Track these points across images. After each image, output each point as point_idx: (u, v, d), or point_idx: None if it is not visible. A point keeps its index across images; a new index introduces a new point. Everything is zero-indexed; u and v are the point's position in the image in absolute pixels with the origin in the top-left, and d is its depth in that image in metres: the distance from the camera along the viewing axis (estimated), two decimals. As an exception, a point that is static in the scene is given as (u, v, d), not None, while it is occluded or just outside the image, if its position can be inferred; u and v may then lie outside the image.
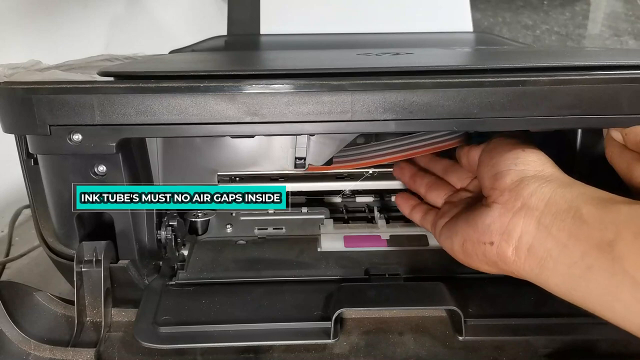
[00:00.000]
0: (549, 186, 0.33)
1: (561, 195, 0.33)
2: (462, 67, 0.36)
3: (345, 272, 0.43)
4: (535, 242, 0.32)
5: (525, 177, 0.35)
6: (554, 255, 0.31)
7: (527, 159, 0.36)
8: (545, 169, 0.35)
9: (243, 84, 0.34)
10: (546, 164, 0.36)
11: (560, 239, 0.31)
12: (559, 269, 0.31)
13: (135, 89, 0.34)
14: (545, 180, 0.34)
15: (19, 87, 0.34)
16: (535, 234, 0.32)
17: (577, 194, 0.32)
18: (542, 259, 0.32)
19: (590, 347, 0.37)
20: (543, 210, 0.32)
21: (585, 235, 0.30)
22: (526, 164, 0.36)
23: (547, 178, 0.34)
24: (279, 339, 0.37)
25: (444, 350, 0.37)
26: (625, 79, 0.35)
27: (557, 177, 0.34)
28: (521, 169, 0.35)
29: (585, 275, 0.30)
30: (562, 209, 0.32)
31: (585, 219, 0.31)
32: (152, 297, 0.40)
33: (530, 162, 0.36)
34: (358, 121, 0.35)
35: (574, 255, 0.30)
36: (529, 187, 0.34)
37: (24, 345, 0.37)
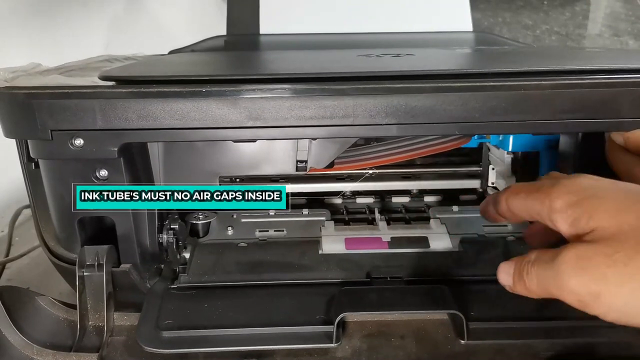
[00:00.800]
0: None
1: None
2: (464, 71, 0.36)
3: (347, 275, 0.43)
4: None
5: None
6: None
7: None
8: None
9: (245, 89, 0.34)
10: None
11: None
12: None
13: (136, 93, 0.34)
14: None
15: (20, 92, 0.34)
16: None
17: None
18: None
19: (591, 350, 0.37)
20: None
21: None
22: None
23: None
24: (282, 343, 0.37)
25: (446, 353, 0.37)
26: (627, 83, 0.35)
27: None
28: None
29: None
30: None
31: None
32: (154, 301, 0.40)
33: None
34: (360, 125, 0.35)
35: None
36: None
37: (26, 350, 0.37)
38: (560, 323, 0.38)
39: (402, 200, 0.56)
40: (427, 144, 0.47)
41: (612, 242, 0.28)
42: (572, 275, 0.28)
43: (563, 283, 0.29)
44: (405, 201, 0.56)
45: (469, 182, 0.54)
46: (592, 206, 0.29)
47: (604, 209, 0.29)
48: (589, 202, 0.30)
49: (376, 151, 0.47)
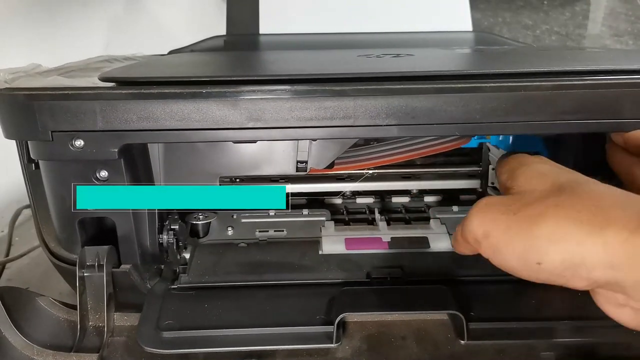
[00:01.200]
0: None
1: None
2: (464, 72, 0.36)
3: (347, 276, 0.43)
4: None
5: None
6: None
7: None
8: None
9: (245, 90, 0.34)
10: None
11: None
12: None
13: (137, 95, 0.34)
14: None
15: (21, 94, 0.34)
16: None
17: None
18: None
19: (592, 350, 0.37)
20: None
21: None
22: None
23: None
24: (282, 344, 0.37)
25: (446, 354, 0.37)
26: (627, 84, 0.35)
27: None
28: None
29: None
30: None
31: None
32: (155, 302, 0.40)
33: None
34: (360, 126, 0.35)
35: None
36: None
37: (27, 351, 0.37)
38: (561, 323, 0.38)
39: (402, 200, 0.56)
40: (427, 144, 0.47)
41: (516, 197, 0.32)
42: (475, 217, 0.32)
43: (468, 223, 0.32)
44: (405, 201, 0.56)
45: (469, 182, 0.54)
46: (521, 171, 0.34)
47: (525, 174, 0.33)
48: (520, 169, 0.34)
49: (376, 151, 0.47)
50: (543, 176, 0.32)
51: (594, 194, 0.29)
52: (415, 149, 0.47)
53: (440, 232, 0.49)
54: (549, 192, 0.31)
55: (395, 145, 0.48)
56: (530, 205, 0.30)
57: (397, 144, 0.48)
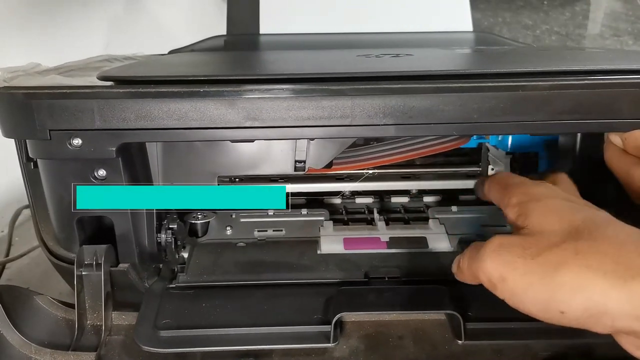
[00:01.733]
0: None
1: None
2: (462, 72, 0.36)
3: (345, 275, 0.43)
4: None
5: None
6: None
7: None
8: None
9: (242, 89, 0.34)
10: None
11: None
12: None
13: (135, 94, 0.34)
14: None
15: (19, 92, 0.34)
16: None
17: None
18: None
19: (589, 351, 0.37)
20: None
21: None
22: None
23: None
24: (279, 343, 0.37)
25: (443, 353, 0.37)
26: (625, 84, 0.35)
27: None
28: None
29: None
30: None
31: None
32: (152, 301, 0.40)
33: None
34: (358, 126, 0.35)
35: None
36: None
37: (25, 349, 0.37)
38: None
39: (401, 200, 0.56)
40: (427, 144, 0.47)
41: (531, 238, 0.32)
42: (489, 258, 0.32)
43: (481, 264, 0.32)
44: (404, 201, 0.56)
45: (468, 183, 0.54)
46: (533, 207, 0.34)
47: (538, 212, 0.33)
48: (531, 205, 0.34)
49: (375, 152, 0.47)
50: (558, 215, 0.32)
51: (614, 239, 0.29)
52: (414, 149, 0.47)
53: (439, 233, 0.48)
54: (566, 236, 0.30)
55: (394, 145, 0.48)
56: (548, 251, 0.30)
57: (396, 144, 0.48)
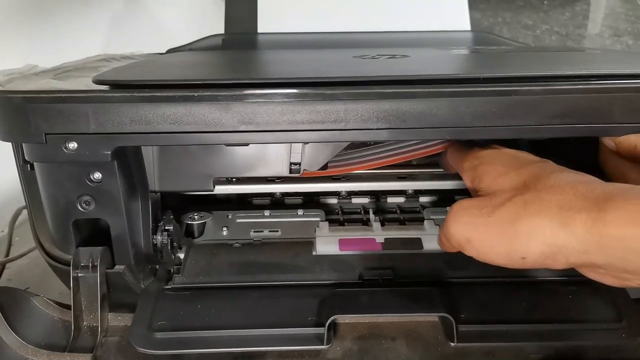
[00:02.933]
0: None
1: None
2: (455, 76, 0.36)
3: (340, 277, 0.44)
4: None
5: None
6: None
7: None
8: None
9: (237, 93, 0.34)
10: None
11: None
12: None
13: (129, 98, 0.34)
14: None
15: (15, 96, 0.35)
16: None
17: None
18: None
19: (580, 353, 0.37)
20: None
21: None
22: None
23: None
24: (273, 345, 0.37)
25: (435, 355, 0.37)
26: (618, 89, 0.35)
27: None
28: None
29: None
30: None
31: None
32: (148, 302, 0.40)
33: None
34: (351, 130, 0.35)
35: None
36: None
37: (21, 351, 0.37)
38: (550, 326, 0.38)
39: (397, 201, 0.56)
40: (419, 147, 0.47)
41: (486, 199, 0.34)
42: (452, 223, 0.34)
43: (447, 230, 0.35)
44: (400, 201, 0.56)
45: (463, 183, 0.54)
46: (484, 170, 0.36)
47: (489, 174, 0.36)
48: (483, 167, 0.36)
49: (369, 154, 0.48)
50: (506, 174, 0.35)
51: (556, 187, 0.32)
52: (407, 151, 0.47)
53: (433, 233, 0.49)
54: (515, 191, 0.33)
55: (388, 147, 0.48)
56: (502, 207, 0.32)
57: (390, 146, 0.48)
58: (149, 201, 0.42)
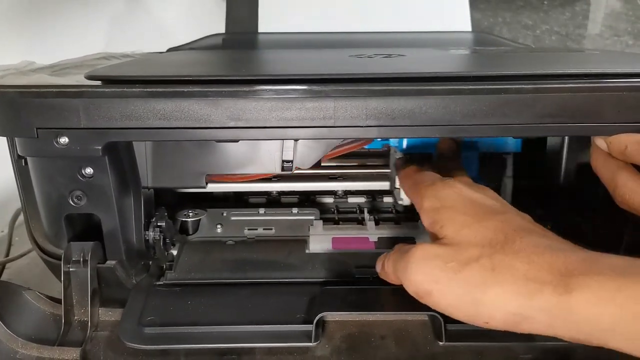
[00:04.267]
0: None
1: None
2: (444, 74, 0.36)
3: (331, 275, 0.44)
4: None
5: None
6: None
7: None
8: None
9: (226, 89, 0.35)
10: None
11: None
12: None
13: (119, 93, 0.34)
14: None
15: (6, 91, 0.35)
16: None
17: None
18: None
19: (570, 354, 0.37)
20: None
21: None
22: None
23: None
24: (261, 342, 0.37)
25: (424, 354, 0.37)
26: (609, 88, 0.35)
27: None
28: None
29: None
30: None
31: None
32: (138, 298, 0.41)
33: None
34: (341, 127, 0.35)
35: None
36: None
37: (11, 344, 0.37)
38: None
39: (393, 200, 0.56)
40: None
41: (450, 252, 0.33)
42: (413, 272, 0.33)
43: (407, 276, 0.34)
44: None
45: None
46: (447, 217, 0.35)
47: (453, 222, 0.34)
48: (445, 212, 0.35)
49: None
50: (470, 226, 0.34)
51: (523, 254, 0.31)
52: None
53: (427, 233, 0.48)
54: (482, 248, 0.32)
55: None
56: (468, 267, 0.32)
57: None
58: (141, 197, 0.42)
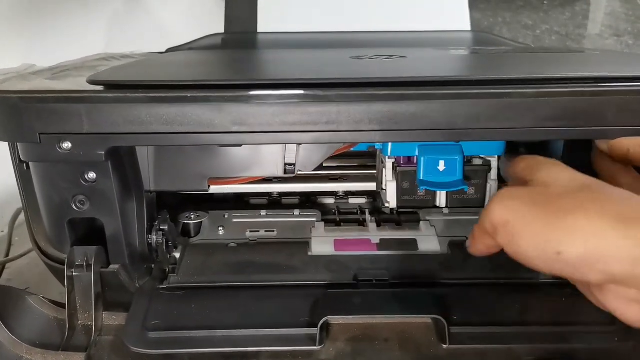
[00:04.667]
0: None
1: None
2: (447, 79, 0.36)
3: (334, 277, 0.44)
4: None
5: None
6: None
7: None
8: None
9: (230, 94, 0.35)
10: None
11: None
12: None
13: (122, 99, 0.34)
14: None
15: (9, 96, 0.35)
16: None
17: None
18: None
19: (573, 356, 0.37)
20: None
21: None
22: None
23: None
24: (266, 345, 0.37)
25: (428, 357, 0.37)
26: (611, 91, 0.35)
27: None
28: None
29: None
30: None
31: None
32: (142, 302, 0.41)
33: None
34: (344, 131, 0.35)
35: None
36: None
37: (16, 349, 0.37)
38: (542, 328, 0.38)
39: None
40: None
41: (538, 189, 0.32)
42: (496, 206, 0.32)
43: (488, 212, 0.33)
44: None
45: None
46: (541, 167, 0.34)
47: (547, 169, 0.34)
48: (539, 166, 0.35)
49: None
50: (565, 172, 0.33)
51: (617, 194, 0.30)
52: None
53: (429, 235, 0.49)
54: (572, 188, 0.31)
55: None
56: (553, 200, 0.30)
57: None
58: (144, 201, 0.42)
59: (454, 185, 0.43)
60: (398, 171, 0.45)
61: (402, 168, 0.45)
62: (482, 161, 0.46)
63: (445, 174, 0.43)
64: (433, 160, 0.43)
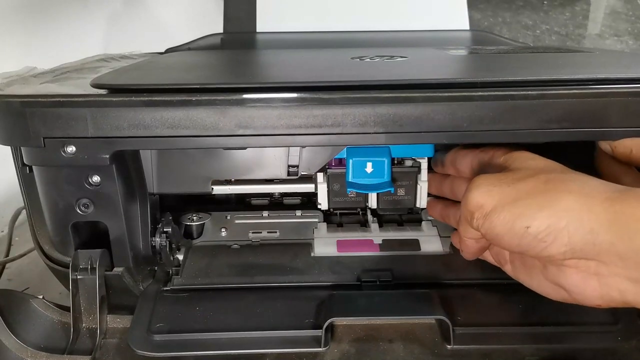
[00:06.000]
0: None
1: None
2: (452, 81, 0.37)
3: (338, 279, 0.44)
4: None
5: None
6: None
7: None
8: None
9: (234, 98, 0.35)
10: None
11: None
12: None
13: (127, 102, 0.34)
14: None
15: (13, 100, 0.35)
16: None
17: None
18: None
19: (576, 356, 0.37)
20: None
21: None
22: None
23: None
24: (271, 347, 0.37)
25: (432, 358, 0.37)
26: (614, 93, 0.35)
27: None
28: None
29: None
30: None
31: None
32: (147, 304, 0.41)
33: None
34: (349, 134, 0.35)
35: None
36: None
37: (21, 353, 0.37)
38: (546, 329, 0.38)
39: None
40: None
41: (509, 173, 0.35)
42: (469, 193, 0.34)
43: (465, 201, 0.35)
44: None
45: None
46: (517, 155, 0.37)
47: (522, 157, 0.36)
48: (515, 154, 0.37)
49: None
50: (537, 159, 0.36)
51: (581, 176, 0.33)
52: None
53: (431, 235, 0.49)
54: (541, 170, 0.34)
55: None
56: (522, 180, 0.33)
57: None
58: (148, 203, 0.42)
59: (381, 186, 0.44)
60: (328, 173, 0.46)
61: (332, 170, 0.46)
62: (412, 162, 0.47)
63: (373, 176, 0.44)
64: (361, 162, 0.43)
